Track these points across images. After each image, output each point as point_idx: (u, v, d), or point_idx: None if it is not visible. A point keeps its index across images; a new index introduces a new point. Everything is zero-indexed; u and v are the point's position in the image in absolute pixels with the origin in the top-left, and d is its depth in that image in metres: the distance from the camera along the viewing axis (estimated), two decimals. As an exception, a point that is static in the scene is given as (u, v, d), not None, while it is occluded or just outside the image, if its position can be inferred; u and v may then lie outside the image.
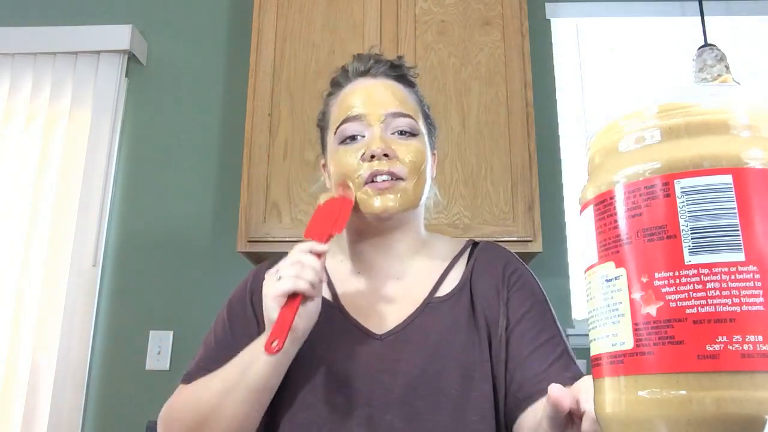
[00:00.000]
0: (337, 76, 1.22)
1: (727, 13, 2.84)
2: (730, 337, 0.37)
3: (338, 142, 1.13)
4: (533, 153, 2.38)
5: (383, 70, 1.18)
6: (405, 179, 1.09)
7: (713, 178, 0.39)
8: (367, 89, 1.15)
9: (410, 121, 1.13)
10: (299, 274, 0.96)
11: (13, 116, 2.69)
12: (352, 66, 1.20)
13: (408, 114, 1.13)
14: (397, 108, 1.12)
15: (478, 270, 1.17)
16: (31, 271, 2.51)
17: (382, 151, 1.07)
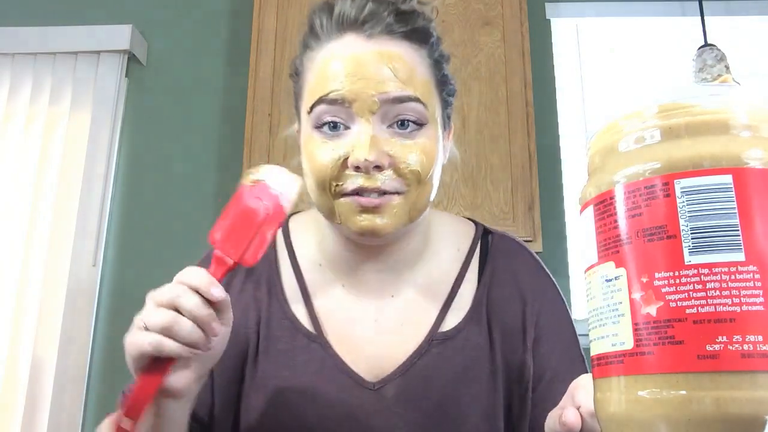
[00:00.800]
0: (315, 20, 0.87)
1: (727, 13, 2.84)
2: (730, 337, 0.37)
3: (313, 125, 0.84)
4: (533, 153, 2.38)
5: (385, 25, 0.83)
6: (402, 194, 0.82)
7: (713, 178, 0.39)
8: (357, 59, 0.81)
9: (417, 107, 0.82)
10: (169, 327, 0.67)
11: (12, 116, 2.69)
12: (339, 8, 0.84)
13: (415, 97, 0.81)
14: (400, 90, 0.80)
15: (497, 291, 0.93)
16: (31, 271, 2.51)
17: (372, 164, 0.78)
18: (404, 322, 0.91)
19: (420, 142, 0.82)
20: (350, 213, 0.81)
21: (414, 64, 0.84)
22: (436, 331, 0.90)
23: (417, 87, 0.82)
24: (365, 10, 0.83)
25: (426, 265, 0.95)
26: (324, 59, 0.84)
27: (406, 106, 0.81)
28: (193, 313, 0.68)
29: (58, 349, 2.42)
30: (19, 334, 2.45)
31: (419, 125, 0.83)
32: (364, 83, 0.80)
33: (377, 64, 0.81)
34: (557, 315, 0.95)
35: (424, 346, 0.89)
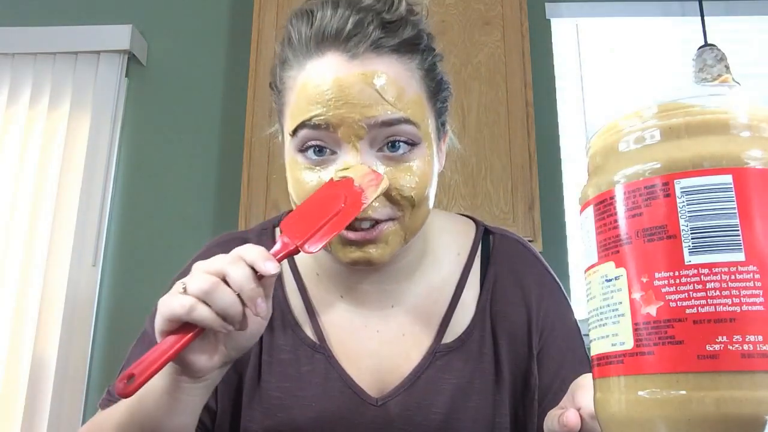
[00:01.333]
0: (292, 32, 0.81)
1: (727, 13, 2.84)
2: (730, 337, 0.37)
3: (297, 148, 0.78)
4: (533, 153, 2.38)
5: (371, 42, 0.75)
6: (396, 219, 0.77)
7: (713, 178, 0.39)
8: (340, 83, 0.74)
9: (408, 129, 0.76)
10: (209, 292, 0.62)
11: (13, 116, 2.69)
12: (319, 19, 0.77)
13: (405, 119, 0.75)
14: (389, 113, 0.74)
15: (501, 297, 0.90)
16: (31, 271, 2.51)
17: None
18: (406, 332, 0.88)
19: (412, 166, 0.76)
20: (342, 245, 0.77)
21: (403, 82, 0.76)
22: (439, 343, 0.87)
23: (407, 106, 0.76)
24: (348, 23, 0.75)
25: (426, 273, 0.91)
26: (305, 80, 0.77)
27: (397, 128, 0.75)
28: (239, 283, 0.63)
29: (58, 349, 2.42)
30: (19, 334, 2.45)
31: (411, 145, 0.77)
32: (348, 108, 0.73)
33: (362, 87, 0.74)
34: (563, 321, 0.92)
35: (427, 359, 0.86)
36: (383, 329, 0.88)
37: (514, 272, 0.92)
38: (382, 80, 0.74)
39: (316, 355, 0.86)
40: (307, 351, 0.86)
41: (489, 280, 0.91)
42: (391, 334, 0.88)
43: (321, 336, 0.87)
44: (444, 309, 0.89)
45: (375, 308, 0.89)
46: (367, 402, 0.84)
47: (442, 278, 0.91)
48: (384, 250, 0.76)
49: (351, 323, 0.88)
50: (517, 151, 2.38)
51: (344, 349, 0.87)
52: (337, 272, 0.88)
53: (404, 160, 0.76)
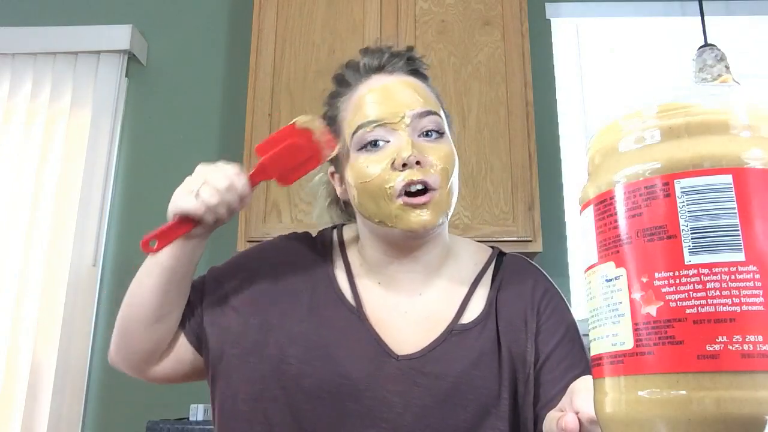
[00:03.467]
0: (345, 73, 1.10)
1: (727, 13, 2.84)
2: (730, 337, 0.37)
3: (357, 148, 1.01)
4: (533, 153, 2.38)
5: (400, 66, 1.07)
6: (437, 189, 0.98)
7: (713, 178, 0.39)
8: (386, 88, 1.03)
9: (437, 119, 1.03)
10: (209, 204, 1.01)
11: (13, 116, 2.69)
12: (363, 61, 1.08)
13: (434, 111, 1.03)
14: (422, 106, 1.01)
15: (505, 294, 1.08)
16: (31, 271, 2.51)
17: (415, 159, 0.96)
18: (429, 316, 1.06)
19: (444, 147, 1.02)
20: (404, 215, 0.98)
21: (426, 90, 1.07)
22: (456, 324, 1.05)
23: (433, 105, 1.04)
24: (384, 57, 1.07)
25: (447, 271, 1.10)
26: (359, 95, 1.05)
27: (430, 119, 1.02)
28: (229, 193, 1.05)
29: (58, 349, 2.43)
30: (19, 334, 2.45)
31: (440, 134, 1.03)
32: (396, 104, 1.01)
33: (402, 89, 1.03)
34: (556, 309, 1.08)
35: (444, 335, 1.03)
36: (410, 311, 1.07)
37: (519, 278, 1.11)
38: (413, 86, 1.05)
39: (352, 316, 1.05)
40: (345, 312, 1.05)
41: (497, 281, 1.10)
42: (417, 315, 1.06)
43: (359, 304, 1.06)
44: (460, 301, 1.07)
45: (406, 294, 1.08)
46: (390, 355, 1.01)
47: (460, 277, 1.10)
48: (433, 216, 0.98)
49: (385, 303, 1.07)
50: (517, 151, 2.38)
51: (377, 320, 1.05)
52: (378, 263, 1.09)
53: (437, 143, 1.02)
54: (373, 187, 0.99)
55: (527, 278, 1.11)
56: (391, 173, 0.98)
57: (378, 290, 1.09)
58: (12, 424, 2.37)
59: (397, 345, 1.02)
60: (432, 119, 1.02)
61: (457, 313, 1.06)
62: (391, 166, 0.98)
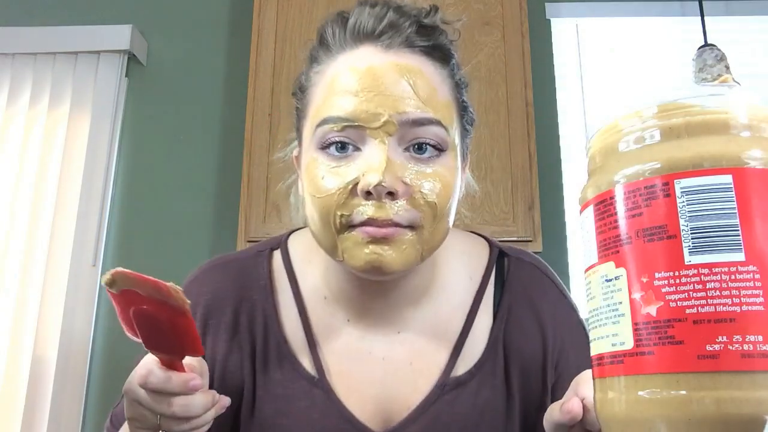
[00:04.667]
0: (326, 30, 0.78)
1: (727, 13, 2.84)
2: (730, 337, 0.37)
3: (318, 147, 0.73)
4: (533, 153, 2.38)
5: (406, 37, 0.74)
6: (416, 228, 0.71)
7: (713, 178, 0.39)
8: (374, 71, 0.71)
9: (439, 131, 0.72)
10: None
11: (13, 116, 2.69)
12: (354, 19, 0.76)
13: (437, 120, 0.72)
14: (420, 111, 0.71)
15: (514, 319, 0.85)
16: (31, 271, 2.51)
17: (386, 190, 0.68)
18: (413, 361, 0.83)
19: (439, 171, 0.72)
20: (355, 245, 0.71)
21: (435, 83, 0.74)
22: (449, 376, 0.82)
23: (438, 108, 0.73)
24: (384, 21, 0.74)
25: (436, 297, 0.86)
26: (335, 72, 0.74)
27: (427, 129, 0.72)
28: None
29: (58, 349, 2.42)
30: (19, 333, 2.45)
31: (439, 151, 0.73)
32: (381, 100, 0.70)
33: (396, 78, 0.71)
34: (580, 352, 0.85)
35: (435, 393, 0.81)
36: (389, 356, 0.83)
37: (530, 301, 0.87)
38: (415, 75, 0.72)
39: (314, 390, 0.82)
40: (305, 385, 0.82)
41: (503, 308, 0.86)
42: (398, 362, 0.83)
43: (320, 368, 0.82)
44: (455, 337, 0.84)
45: (382, 333, 0.83)
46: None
47: (453, 305, 0.86)
48: (398, 257, 0.70)
49: (356, 350, 0.83)
50: (517, 151, 2.38)
51: (346, 381, 0.82)
52: (347, 294, 0.83)
53: (430, 164, 0.72)
54: (324, 208, 0.71)
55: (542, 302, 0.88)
56: (350, 198, 0.70)
57: (347, 331, 0.84)
58: (12, 423, 2.36)
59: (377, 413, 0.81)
60: (431, 130, 0.72)
61: (450, 360, 0.83)
62: (351, 189, 0.70)
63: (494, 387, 0.82)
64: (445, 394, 0.81)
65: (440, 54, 0.77)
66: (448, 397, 0.81)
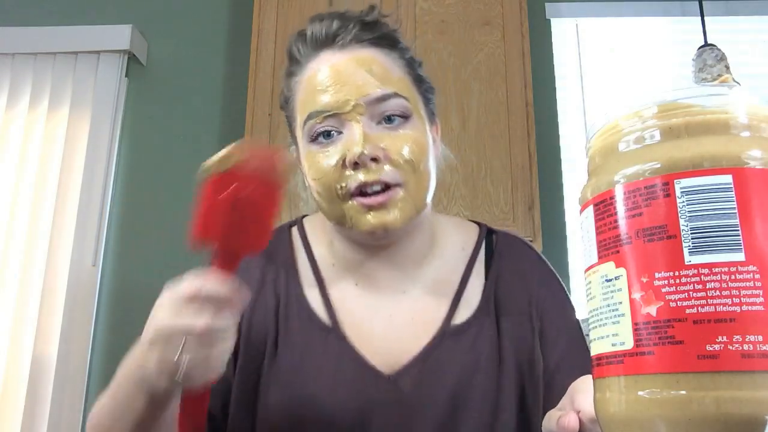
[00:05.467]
0: (293, 48, 0.94)
1: (727, 13, 2.84)
2: (730, 337, 0.37)
3: (308, 139, 0.89)
4: (533, 153, 2.38)
5: (353, 35, 0.90)
6: (403, 185, 0.85)
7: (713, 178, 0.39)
8: (336, 69, 0.88)
9: (400, 102, 0.88)
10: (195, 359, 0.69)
11: (13, 116, 2.69)
12: (309, 31, 0.92)
13: (395, 93, 0.88)
14: (380, 89, 0.87)
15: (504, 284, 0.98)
16: (31, 271, 2.51)
17: (369, 156, 0.83)
18: (416, 317, 0.94)
19: (408, 133, 0.88)
20: (358, 216, 0.86)
21: (388, 65, 0.91)
22: (449, 325, 0.94)
23: (394, 84, 0.89)
24: (333, 26, 0.91)
25: (433, 263, 0.98)
26: (308, 77, 0.91)
27: (389, 102, 0.88)
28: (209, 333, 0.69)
29: (58, 349, 2.42)
30: (19, 333, 2.45)
31: (405, 118, 0.89)
32: (347, 89, 0.87)
33: (355, 69, 0.88)
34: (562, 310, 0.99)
35: (437, 339, 0.92)
36: (395, 313, 0.95)
37: (518, 266, 1.01)
38: (369, 63, 0.89)
39: (329, 337, 0.92)
40: (321, 334, 0.93)
41: (493, 272, 0.99)
42: (403, 317, 0.94)
43: (334, 319, 0.94)
44: (452, 294, 0.96)
45: (388, 293, 0.96)
46: (380, 378, 0.90)
47: (448, 269, 0.99)
48: (398, 214, 0.85)
49: (365, 308, 0.95)
50: (517, 151, 2.38)
51: (357, 331, 0.93)
52: (353, 261, 0.97)
53: (400, 129, 0.88)
54: (325, 185, 0.86)
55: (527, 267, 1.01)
56: (343, 174, 0.85)
57: (355, 293, 0.96)
58: (12, 424, 2.37)
59: (384, 358, 0.91)
60: (394, 103, 0.88)
61: (448, 312, 0.95)
62: (342, 164, 0.85)
63: (489, 338, 0.93)
64: (445, 340, 0.92)
65: (387, 42, 0.93)
66: (448, 344, 0.92)
